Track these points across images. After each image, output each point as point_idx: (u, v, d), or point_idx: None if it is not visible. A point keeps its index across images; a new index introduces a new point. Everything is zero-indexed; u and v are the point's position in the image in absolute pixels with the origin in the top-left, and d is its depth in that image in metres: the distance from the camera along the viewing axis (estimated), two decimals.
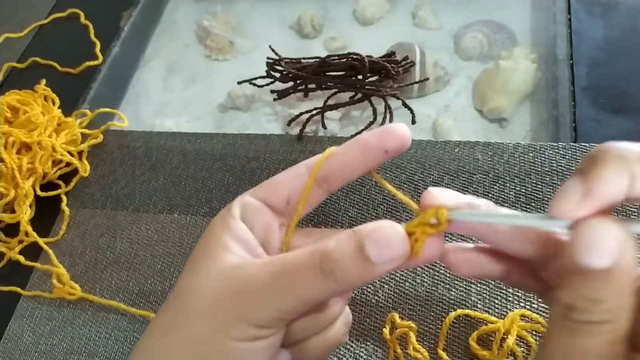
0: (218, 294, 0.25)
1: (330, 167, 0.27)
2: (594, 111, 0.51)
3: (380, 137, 0.27)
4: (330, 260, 0.24)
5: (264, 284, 0.24)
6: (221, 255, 0.26)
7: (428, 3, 0.67)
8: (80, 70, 0.64)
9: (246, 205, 0.28)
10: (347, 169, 0.28)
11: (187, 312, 0.25)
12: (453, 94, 0.60)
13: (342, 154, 0.27)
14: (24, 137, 0.53)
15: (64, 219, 0.51)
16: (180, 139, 0.55)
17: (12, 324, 0.46)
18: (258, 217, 0.28)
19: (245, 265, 0.25)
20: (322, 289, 0.24)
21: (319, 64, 0.57)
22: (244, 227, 0.27)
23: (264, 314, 0.24)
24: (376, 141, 0.27)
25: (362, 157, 0.27)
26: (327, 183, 0.28)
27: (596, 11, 0.58)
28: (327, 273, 0.24)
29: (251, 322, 0.24)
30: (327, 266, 0.24)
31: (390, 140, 0.27)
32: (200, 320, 0.24)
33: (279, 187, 0.28)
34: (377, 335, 0.41)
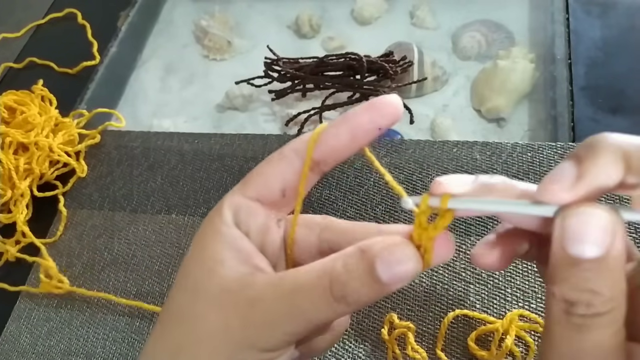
0: (225, 320, 0.23)
1: (322, 150, 0.25)
2: (592, 111, 0.51)
3: (372, 115, 0.25)
4: (341, 284, 0.22)
5: (271, 308, 0.23)
6: (218, 271, 0.24)
7: (426, 3, 0.67)
8: (77, 70, 0.63)
9: (238, 207, 0.26)
10: (339, 151, 0.25)
11: (194, 337, 0.24)
12: (451, 94, 0.60)
13: (332, 135, 0.25)
14: (21, 138, 0.53)
15: (61, 219, 0.51)
16: (178, 139, 0.55)
17: (9, 325, 0.46)
18: (252, 219, 0.26)
19: (250, 286, 0.23)
20: (334, 312, 0.23)
21: (317, 63, 0.57)
22: (239, 234, 0.25)
23: (274, 340, 0.23)
24: (368, 120, 0.25)
25: (353, 138, 0.25)
26: (320, 166, 0.26)
27: (594, 11, 0.58)
28: (339, 298, 0.22)
29: (260, 348, 0.23)
30: (338, 291, 0.22)
31: (383, 115, 0.25)
32: (209, 348, 0.23)
33: (271, 180, 0.26)
34: (376, 335, 0.41)
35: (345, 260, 0.23)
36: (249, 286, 0.23)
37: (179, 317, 0.24)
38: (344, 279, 0.22)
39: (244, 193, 0.26)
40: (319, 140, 0.25)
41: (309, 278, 0.23)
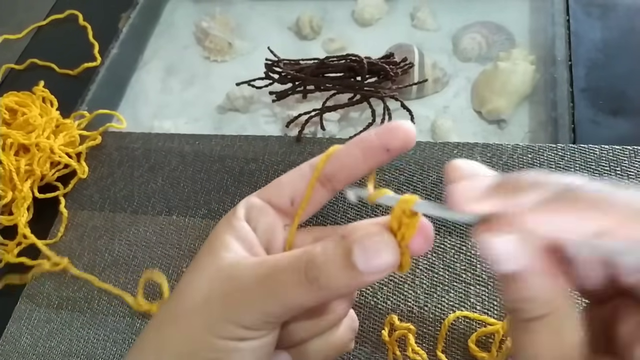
0: (209, 292, 0.25)
1: (333, 166, 0.27)
2: (592, 112, 0.51)
3: (382, 136, 0.26)
4: (315, 266, 0.23)
5: (249, 287, 0.24)
6: (220, 254, 0.26)
7: (427, 4, 0.67)
8: (78, 71, 0.63)
9: (251, 206, 0.28)
10: (349, 169, 0.27)
11: (180, 309, 0.25)
12: (452, 96, 0.60)
13: (344, 153, 0.27)
14: (22, 139, 0.53)
15: (62, 220, 0.51)
16: (178, 140, 0.55)
17: (10, 326, 0.46)
18: (262, 217, 0.27)
19: (237, 265, 0.25)
20: (306, 295, 0.23)
21: (317, 65, 0.57)
22: (247, 227, 0.27)
23: (250, 316, 0.24)
24: (377, 140, 0.26)
25: (363, 156, 0.26)
26: (332, 183, 0.27)
27: (594, 12, 0.58)
28: (311, 279, 0.23)
29: (237, 323, 0.24)
30: (311, 272, 0.23)
31: (393, 139, 0.26)
32: (190, 318, 0.25)
33: (283, 188, 0.28)
34: (376, 337, 0.41)
35: (324, 244, 0.23)
36: (238, 265, 0.25)
37: (175, 292, 0.26)
38: (320, 261, 0.23)
39: (260, 195, 0.28)
40: (332, 156, 0.27)
41: (286, 258, 0.24)
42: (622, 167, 0.46)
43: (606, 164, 0.46)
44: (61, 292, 0.47)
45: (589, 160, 0.46)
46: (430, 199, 0.46)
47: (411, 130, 0.26)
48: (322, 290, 0.23)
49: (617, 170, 0.46)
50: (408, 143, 0.26)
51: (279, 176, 0.29)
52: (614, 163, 0.46)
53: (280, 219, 0.28)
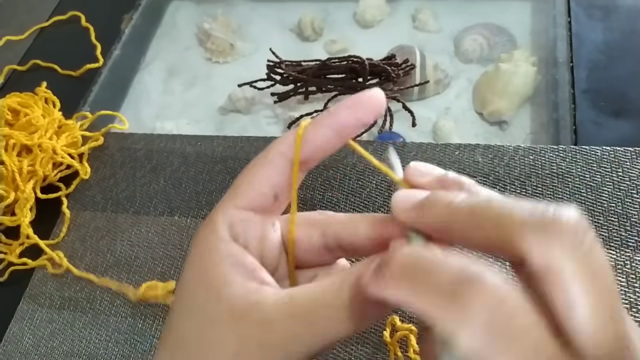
0: (240, 344, 0.22)
1: (307, 149, 0.25)
2: (594, 114, 0.51)
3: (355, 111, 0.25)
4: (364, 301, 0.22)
5: (289, 332, 0.22)
6: (224, 293, 0.23)
7: (428, 6, 0.67)
8: (80, 72, 0.64)
9: (232, 221, 0.25)
10: (323, 149, 0.25)
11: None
12: (453, 97, 0.60)
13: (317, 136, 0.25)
14: (24, 140, 0.53)
15: (64, 221, 0.51)
16: (180, 141, 0.55)
17: (12, 327, 0.46)
18: (250, 230, 0.25)
19: (260, 305, 0.22)
20: (354, 327, 0.22)
21: (319, 66, 0.57)
22: (239, 250, 0.24)
23: (291, 359, 0.22)
24: (351, 117, 0.25)
25: (336, 135, 0.25)
26: (306, 164, 0.26)
27: (596, 14, 0.58)
28: (355, 321, 0.22)
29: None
30: (350, 316, 0.22)
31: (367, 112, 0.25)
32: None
33: (261, 187, 0.25)
34: (378, 338, 0.41)
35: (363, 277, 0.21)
36: (259, 306, 0.22)
37: (188, 345, 0.23)
38: (360, 307, 0.22)
39: (236, 204, 0.25)
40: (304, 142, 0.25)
41: (324, 295, 0.22)
42: (624, 169, 0.46)
43: (607, 165, 0.46)
44: (63, 293, 0.47)
45: (590, 162, 0.46)
46: None
47: (380, 97, 0.25)
48: (369, 319, 0.22)
49: (618, 172, 0.46)
50: (379, 109, 0.25)
51: None
52: (616, 164, 0.46)
53: (267, 221, 0.26)
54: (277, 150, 0.25)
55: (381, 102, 0.25)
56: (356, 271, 0.22)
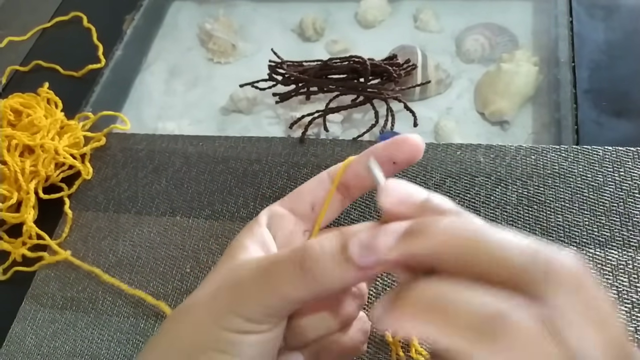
0: (218, 286, 0.26)
1: (348, 175, 0.29)
2: (595, 114, 0.51)
3: (388, 149, 0.28)
4: (311, 258, 0.23)
5: (251, 279, 0.25)
6: (237, 256, 0.27)
7: (430, 6, 0.67)
8: (83, 73, 0.64)
9: (273, 214, 0.29)
10: (362, 178, 0.29)
11: (193, 302, 0.27)
12: (455, 97, 0.60)
13: (357, 163, 0.29)
14: (26, 140, 0.53)
15: (66, 221, 0.51)
16: (182, 141, 0.55)
17: (14, 327, 0.46)
18: (283, 224, 0.29)
19: (247, 262, 0.26)
20: (301, 287, 0.24)
21: (320, 67, 0.57)
22: (266, 232, 0.29)
23: (251, 309, 0.24)
24: (383, 153, 0.28)
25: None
26: (348, 191, 0.29)
27: (598, 14, 0.58)
28: (306, 271, 0.23)
29: (241, 315, 0.24)
30: (307, 264, 0.23)
31: (398, 152, 0.27)
32: (200, 311, 0.26)
33: (303, 195, 0.30)
34: (380, 337, 0.41)
35: (322, 238, 0.24)
36: (245, 263, 0.26)
37: (190, 298, 0.27)
38: (315, 254, 0.23)
39: (281, 203, 0.30)
40: (348, 166, 0.29)
41: (285, 253, 0.25)
42: (626, 168, 0.46)
43: (609, 165, 0.46)
44: (65, 293, 0.48)
45: (592, 162, 0.46)
46: None
47: (418, 144, 0.27)
48: (317, 282, 0.23)
49: (620, 172, 0.46)
50: (414, 156, 0.27)
51: (282, 177, 0.30)
52: (618, 164, 0.46)
53: (301, 225, 0.30)
54: (327, 170, 0.30)
55: (416, 146, 0.28)
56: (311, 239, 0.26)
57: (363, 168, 0.28)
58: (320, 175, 0.30)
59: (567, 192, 0.45)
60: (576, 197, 0.45)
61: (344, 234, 0.24)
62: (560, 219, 0.44)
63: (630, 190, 0.45)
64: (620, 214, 0.43)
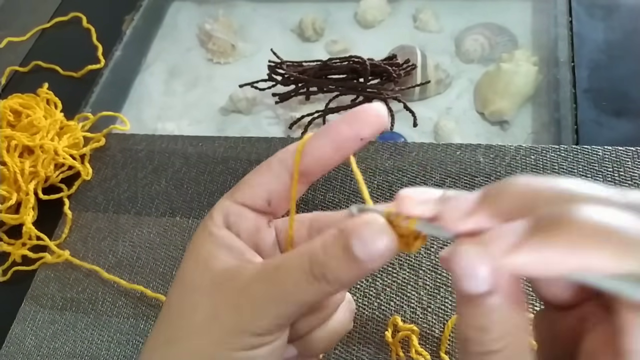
0: (214, 307, 0.24)
1: (306, 162, 0.26)
2: (595, 113, 0.51)
3: (353, 125, 0.25)
4: (319, 264, 0.23)
5: (258, 294, 0.24)
6: (210, 266, 0.25)
7: (429, 6, 0.67)
8: (82, 73, 0.64)
9: (227, 211, 0.27)
10: (324, 162, 0.26)
11: (186, 328, 0.24)
12: (454, 97, 0.60)
13: (315, 147, 0.25)
14: (26, 141, 0.53)
15: (66, 222, 0.51)
16: (182, 142, 0.55)
17: (14, 328, 0.46)
18: (242, 222, 0.26)
19: (237, 275, 0.24)
20: (317, 292, 0.23)
21: (320, 67, 0.57)
22: (228, 234, 0.26)
23: (264, 323, 0.23)
24: (349, 129, 0.25)
25: (334, 148, 0.25)
26: (306, 177, 0.27)
27: (597, 13, 0.58)
28: (319, 277, 0.23)
29: (252, 332, 0.23)
30: (318, 270, 0.23)
31: (365, 126, 0.25)
32: (201, 336, 0.24)
33: (257, 190, 0.27)
34: (379, 338, 0.41)
35: (323, 240, 0.23)
36: (237, 275, 0.24)
37: (172, 310, 0.26)
38: (322, 259, 0.23)
39: (233, 198, 0.27)
40: (303, 151, 0.26)
41: (289, 260, 0.24)
42: (625, 168, 0.46)
43: (609, 165, 0.46)
44: (65, 294, 0.47)
45: (592, 162, 0.46)
46: None
47: (382, 113, 0.25)
48: (332, 284, 0.23)
49: (620, 172, 0.46)
50: (380, 125, 0.25)
51: None
52: (617, 164, 0.46)
53: (262, 219, 0.27)
54: (279, 158, 0.27)
55: (382, 117, 0.25)
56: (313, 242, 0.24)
57: (320, 149, 0.25)
58: (270, 164, 0.27)
59: None
60: None
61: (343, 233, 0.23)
62: None
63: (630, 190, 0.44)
64: None
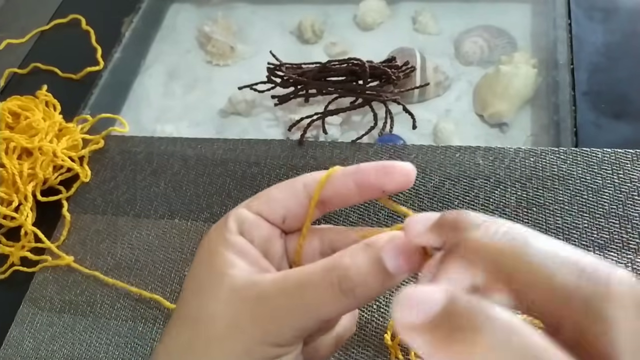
0: (235, 317, 0.24)
1: (327, 192, 0.27)
2: (594, 116, 0.51)
3: (379, 176, 0.26)
4: (349, 278, 0.23)
5: (281, 307, 0.23)
6: (228, 273, 0.25)
7: (428, 8, 0.67)
8: (81, 75, 0.64)
9: (242, 219, 0.27)
10: (342, 198, 0.27)
11: (206, 337, 0.24)
12: (454, 99, 0.60)
13: (340, 183, 0.26)
14: (25, 143, 0.53)
15: (64, 224, 0.51)
16: (181, 144, 0.55)
17: (12, 330, 0.46)
18: (256, 230, 0.27)
19: (257, 284, 0.24)
20: (342, 307, 0.23)
21: (319, 69, 0.57)
22: (244, 241, 0.26)
23: (286, 335, 0.23)
24: (375, 179, 0.26)
25: (357, 190, 0.26)
26: (324, 205, 0.27)
27: (596, 16, 0.58)
28: (347, 291, 0.23)
29: (273, 343, 0.23)
30: (346, 285, 0.23)
31: (389, 181, 0.25)
32: (222, 345, 0.24)
33: (274, 205, 0.27)
34: (379, 340, 0.41)
35: (352, 256, 0.23)
36: (257, 284, 0.24)
37: (191, 318, 0.25)
38: (352, 273, 0.23)
39: (249, 207, 0.27)
40: (327, 182, 0.27)
41: (314, 274, 0.24)
42: (625, 171, 0.46)
43: (608, 167, 0.46)
44: (64, 296, 0.47)
45: (591, 164, 0.46)
46: (432, 202, 0.46)
47: (409, 173, 0.25)
48: (359, 298, 0.23)
49: (619, 174, 0.46)
50: (405, 185, 0.26)
51: (281, 180, 0.28)
52: (616, 166, 0.46)
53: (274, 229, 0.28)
54: (303, 181, 0.27)
55: (408, 175, 0.25)
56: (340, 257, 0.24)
57: (343, 186, 0.26)
58: (294, 184, 0.27)
59: (566, 194, 0.45)
60: (575, 200, 0.45)
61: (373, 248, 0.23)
62: (559, 221, 0.44)
63: (629, 193, 0.45)
64: (620, 217, 0.43)
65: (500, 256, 0.18)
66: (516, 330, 0.16)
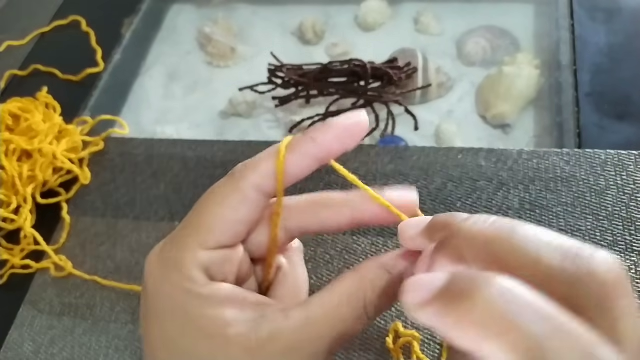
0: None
1: (288, 182, 0.24)
2: (598, 117, 0.51)
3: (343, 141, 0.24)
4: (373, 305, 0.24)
5: (313, 350, 0.22)
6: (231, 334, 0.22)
7: (430, 9, 0.67)
8: (81, 77, 0.63)
9: (206, 265, 0.23)
10: (304, 175, 0.25)
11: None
12: (456, 100, 0.59)
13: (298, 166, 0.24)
14: (24, 145, 0.53)
15: (64, 227, 0.51)
16: (181, 146, 0.55)
17: (12, 333, 0.46)
18: (226, 267, 0.24)
19: (280, 334, 0.22)
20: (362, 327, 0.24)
21: (320, 70, 0.57)
22: (220, 287, 0.23)
23: None
24: (339, 147, 0.24)
25: (319, 163, 0.25)
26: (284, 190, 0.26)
27: (599, 17, 0.58)
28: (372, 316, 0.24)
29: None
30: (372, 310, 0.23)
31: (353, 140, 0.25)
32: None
33: (235, 226, 0.24)
34: (381, 344, 0.40)
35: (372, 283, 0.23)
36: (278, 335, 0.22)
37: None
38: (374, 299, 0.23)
39: (205, 245, 0.23)
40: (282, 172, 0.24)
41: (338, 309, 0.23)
42: (628, 172, 0.45)
43: (612, 169, 0.46)
44: (63, 299, 0.47)
45: (594, 165, 0.46)
46: (434, 204, 0.46)
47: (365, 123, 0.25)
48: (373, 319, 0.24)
49: (622, 175, 0.45)
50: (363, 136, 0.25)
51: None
52: (620, 168, 0.46)
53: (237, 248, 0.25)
54: (252, 183, 0.24)
55: (366, 128, 0.25)
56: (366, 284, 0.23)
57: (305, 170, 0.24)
58: (244, 192, 0.24)
59: (570, 196, 0.45)
60: (578, 202, 0.44)
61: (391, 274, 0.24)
62: (562, 223, 0.44)
63: (633, 195, 0.44)
64: (623, 219, 0.43)
65: (489, 242, 0.19)
66: (511, 287, 0.17)
